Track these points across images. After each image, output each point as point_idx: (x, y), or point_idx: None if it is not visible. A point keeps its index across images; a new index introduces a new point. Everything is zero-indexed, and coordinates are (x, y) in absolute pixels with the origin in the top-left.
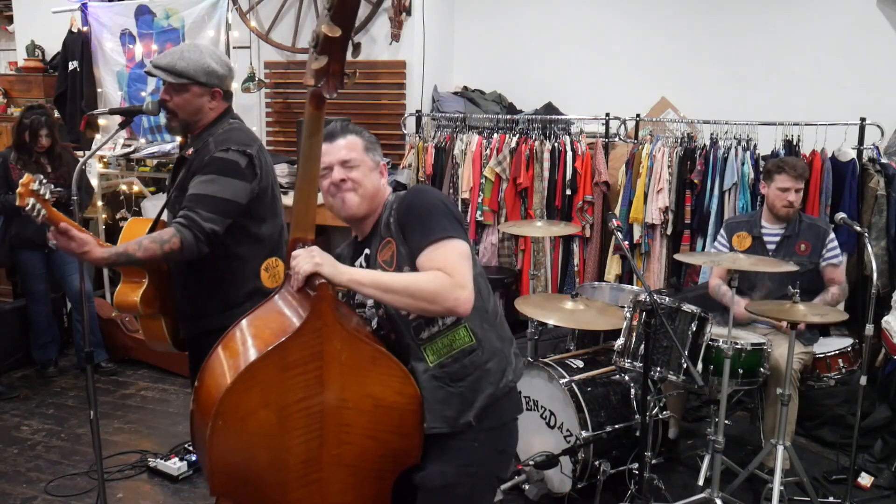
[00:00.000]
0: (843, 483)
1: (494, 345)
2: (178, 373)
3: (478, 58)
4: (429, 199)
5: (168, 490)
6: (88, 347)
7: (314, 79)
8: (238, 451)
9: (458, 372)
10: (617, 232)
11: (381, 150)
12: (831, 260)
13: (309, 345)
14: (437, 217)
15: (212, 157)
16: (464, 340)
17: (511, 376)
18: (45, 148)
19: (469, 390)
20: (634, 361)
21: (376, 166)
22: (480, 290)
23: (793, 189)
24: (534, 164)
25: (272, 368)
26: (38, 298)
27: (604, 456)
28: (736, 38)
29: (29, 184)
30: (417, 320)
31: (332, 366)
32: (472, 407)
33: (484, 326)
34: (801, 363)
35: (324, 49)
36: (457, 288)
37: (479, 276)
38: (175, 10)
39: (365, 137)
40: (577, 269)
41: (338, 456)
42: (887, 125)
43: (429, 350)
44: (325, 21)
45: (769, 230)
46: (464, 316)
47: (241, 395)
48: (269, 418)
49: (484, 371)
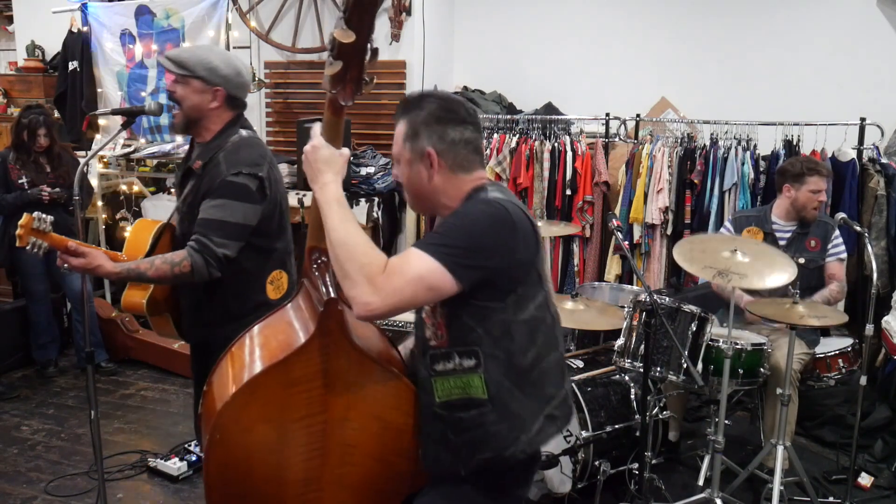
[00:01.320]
0: (843, 483)
1: (511, 408)
2: (179, 373)
3: (478, 58)
4: (472, 216)
5: (168, 490)
6: (88, 347)
7: (330, 84)
8: (235, 464)
9: (460, 423)
10: (617, 232)
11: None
12: (838, 255)
13: (313, 362)
14: (455, 232)
15: (223, 180)
16: (477, 391)
17: (524, 447)
18: (44, 148)
19: (465, 447)
20: (634, 361)
21: (420, 157)
22: (514, 337)
23: (824, 190)
24: (534, 164)
25: (274, 384)
26: (38, 298)
27: (604, 456)
28: (736, 38)
29: (29, 224)
30: (435, 349)
31: (336, 385)
32: (466, 464)
33: (505, 384)
34: (801, 363)
35: (340, 54)
36: (370, 290)
37: (522, 323)
38: (175, 10)
39: (414, 120)
40: (577, 269)
41: (340, 476)
42: (887, 125)
43: (439, 385)
44: (340, 26)
45: (781, 227)
46: (358, 315)
47: (241, 409)
48: (268, 434)
49: (487, 433)
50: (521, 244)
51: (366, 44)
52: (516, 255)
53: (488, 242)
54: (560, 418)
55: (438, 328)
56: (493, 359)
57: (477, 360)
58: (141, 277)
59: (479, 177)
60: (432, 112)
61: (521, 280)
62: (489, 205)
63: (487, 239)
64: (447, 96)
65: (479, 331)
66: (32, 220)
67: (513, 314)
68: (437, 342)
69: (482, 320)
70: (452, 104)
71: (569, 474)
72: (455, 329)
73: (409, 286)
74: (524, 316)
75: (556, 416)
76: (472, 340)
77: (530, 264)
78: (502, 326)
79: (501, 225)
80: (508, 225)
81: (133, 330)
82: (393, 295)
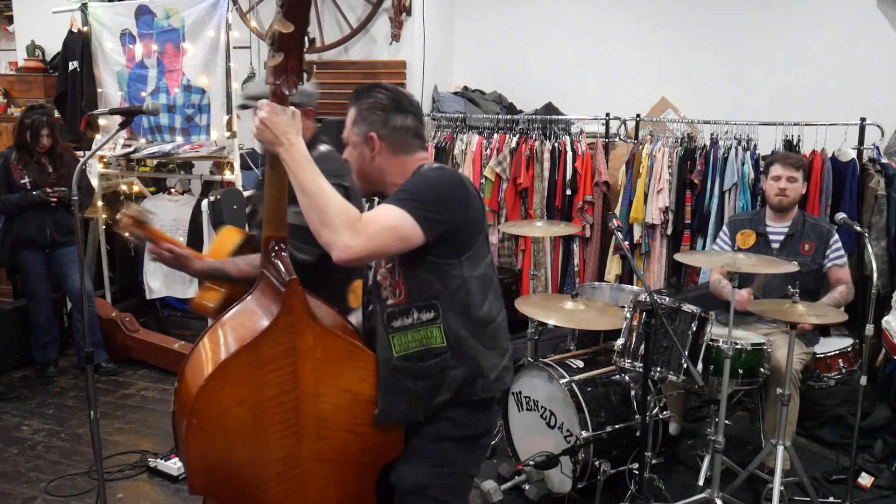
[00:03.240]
0: (843, 483)
1: (470, 354)
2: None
3: (478, 58)
4: (430, 176)
5: (168, 490)
6: (88, 347)
7: (273, 76)
8: (215, 449)
9: (420, 371)
10: (617, 232)
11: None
12: (836, 261)
13: (281, 341)
14: (418, 189)
15: None
16: (435, 340)
17: (479, 390)
18: (46, 148)
19: (425, 391)
20: (634, 361)
21: (364, 140)
22: (471, 290)
23: (784, 177)
24: (534, 164)
25: (245, 366)
26: (38, 298)
27: (604, 456)
28: (736, 38)
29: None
30: (392, 307)
31: (305, 361)
32: (425, 408)
33: (462, 332)
34: (801, 363)
35: (280, 46)
36: (350, 234)
37: (475, 279)
38: (175, 10)
39: (361, 106)
40: (578, 269)
41: (317, 451)
42: (887, 125)
43: (396, 340)
44: (278, 18)
45: (773, 228)
46: (335, 260)
47: (214, 393)
48: (243, 416)
49: (446, 377)
50: (472, 204)
51: (303, 35)
52: (469, 213)
53: (448, 198)
54: (511, 370)
55: (396, 286)
56: (450, 311)
57: (436, 312)
58: (225, 276)
59: (420, 158)
60: (378, 100)
61: (474, 238)
62: (442, 170)
63: (445, 195)
64: (394, 88)
65: (437, 285)
66: (141, 212)
67: (469, 270)
68: (395, 300)
69: (440, 275)
70: (397, 94)
71: (569, 474)
72: (414, 285)
73: (385, 233)
74: (477, 272)
75: (509, 367)
76: (430, 295)
77: (481, 225)
78: (459, 280)
79: (456, 185)
80: (461, 185)
81: (133, 330)
82: (371, 239)
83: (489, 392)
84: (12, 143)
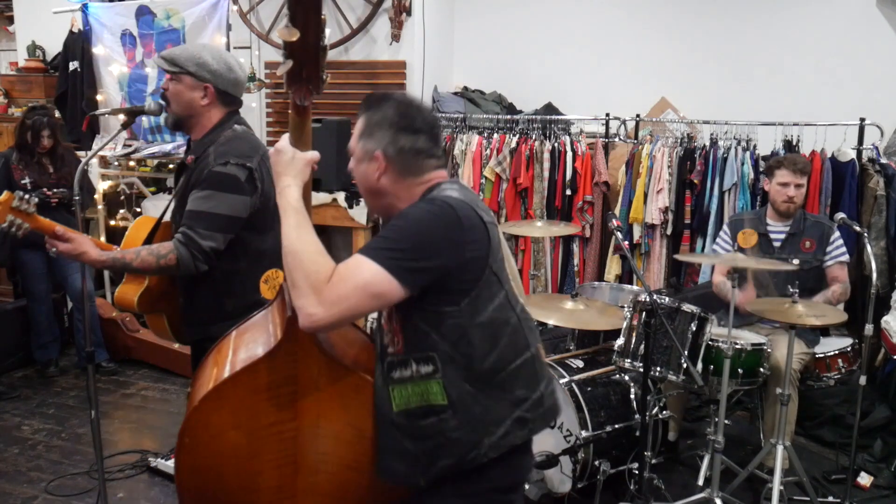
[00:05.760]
0: (842, 483)
1: (473, 413)
2: (179, 373)
3: (478, 58)
4: (415, 216)
5: (168, 490)
6: (89, 347)
7: (287, 84)
8: (206, 470)
9: (420, 430)
10: (617, 232)
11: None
12: (839, 258)
13: (281, 368)
14: (397, 234)
15: (210, 171)
16: (436, 397)
17: (486, 451)
18: (47, 148)
19: (424, 455)
20: (634, 361)
21: (369, 157)
22: (473, 341)
23: (793, 184)
24: (534, 164)
25: (242, 389)
26: (39, 298)
27: (604, 456)
28: (736, 39)
29: (7, 202)
30: (392, 356)
31: (307, 392)
32: (425, 473)
33: (465, 387)
34: (801, 363)
35: (290, 53)
36: (315, 300)
37: (478, 327)
38: (175, 10)
39: (370, 119)
40: (577, 269)
41: (314, 484)
42: (887, 125)
43: (397, 393)
44: (285, 24)
45: (774, 227)
46: (302, 326)
47: (210, 413)
48: (239, 440)
49: (447, 440)
50: (469, 242)
51: (315, 41)
52: (465, 253)
53: (432, 241)
54: (533, 421)
55: (395, 334)
56: (451, 364)
57: (434, 365)
58: (126, 267)
59: (429, 179)
60: (388, 116)
61: (474, 280)
62: (432, 203)
63: (431, 238)
64: (409, 102)
65: (434, 336)
66: (12, 198)
67: (469, 318)
68: (395, 349)
69: (436, 325)
70: (410, 111)
71: (569, 474)
72: (410, 335)
73: (354, 295)
74: (481, 319)
75: (527, 418)
76: (427, 346)
77: (483, 263)
78: (458, 330)
79: (445, 223)
80: (453, 222)
81: (134, 330)
82: (336, 304)
83: (499, 450)
84: (13, 143)
